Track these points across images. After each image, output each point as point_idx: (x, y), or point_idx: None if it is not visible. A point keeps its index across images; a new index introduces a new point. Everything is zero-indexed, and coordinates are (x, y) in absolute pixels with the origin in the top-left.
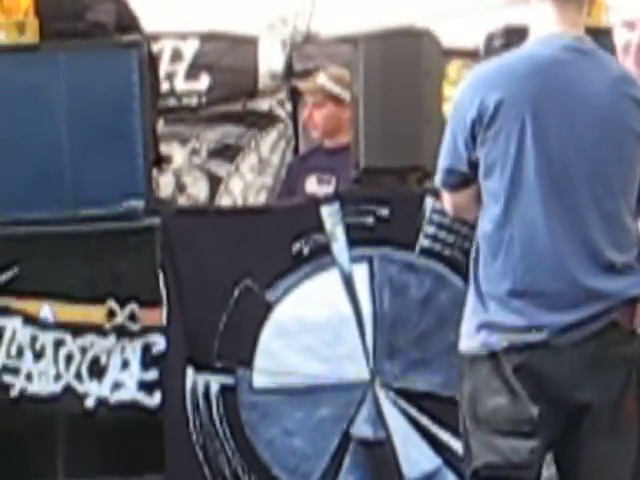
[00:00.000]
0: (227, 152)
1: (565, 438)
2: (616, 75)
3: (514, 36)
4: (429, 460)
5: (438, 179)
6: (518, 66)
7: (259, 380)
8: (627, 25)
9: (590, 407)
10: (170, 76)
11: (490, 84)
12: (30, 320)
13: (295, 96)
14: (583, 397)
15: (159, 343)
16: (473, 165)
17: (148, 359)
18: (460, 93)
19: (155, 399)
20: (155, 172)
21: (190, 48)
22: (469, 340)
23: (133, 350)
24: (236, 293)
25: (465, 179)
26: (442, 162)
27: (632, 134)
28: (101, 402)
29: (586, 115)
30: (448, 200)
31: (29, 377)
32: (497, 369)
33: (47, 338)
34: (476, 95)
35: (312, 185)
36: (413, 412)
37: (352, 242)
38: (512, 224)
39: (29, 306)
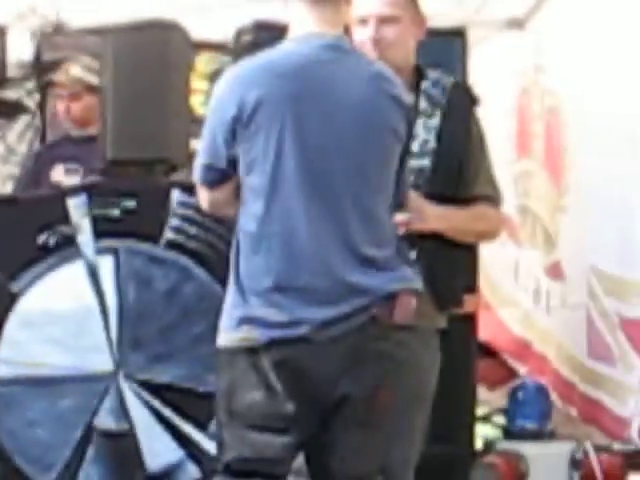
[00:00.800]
0: None
1: (319, 434)
2: (374, 73)
3: (263, 32)
4: (172, 452)
5: (196, 175)
6: (278, 64)
7: (2, 370)
8: (361, 22)
9: (345, 401)
10: None
11: (250, 82)
12: None
13: (43, 86)
14: (340, 392)
15: None
16: (232, 162)
17: None
18: (220, 90)
19: None
20: None
21: None
22: (229, 334)
23: None
24: None
25: (223, 176)
26: (200, 158)
27: (390, 131)
28: None
29: (345, 114)
30: (205, 197)
31: None
32: (256, 364)
33: None
34: (236, 92)
35: (58, 174)
36: (156, 404)
37: (98, 234)
38: (273, 221)
39: None
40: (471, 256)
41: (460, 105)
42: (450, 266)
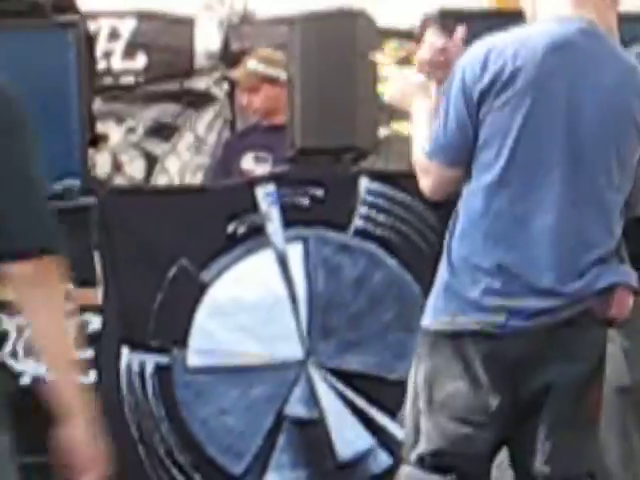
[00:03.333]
0: (164, 131)
1: (522, 431)
2: (629, 66)
3: (449, 20)
4: (363, 440)
5: (433, 154)
6: (537, 41)
7: (194, 359)
8: None
9: (550, 393)
10: (107, 55)
11: (508, 54)
12: None
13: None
14: (544, 382)
15: (94, 322)
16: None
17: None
18: (469, 64)
19: (90, 378)
20: (92, 151)
21: (127, 27)
22: (437, 316)
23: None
24: (171, 273)
25: (465, 154)
26: (441, 136)
27: (635, 127)
28: (37, 380)
29: (593, 102)
30: (438, 176)
31: None
32: (461, 351)
33: None
34: (491, 64)
35: (248, 163)
36: (347, 392)
37: (287, 222)
38: (500, 203)
39: None
40: None
41: None
42: None
